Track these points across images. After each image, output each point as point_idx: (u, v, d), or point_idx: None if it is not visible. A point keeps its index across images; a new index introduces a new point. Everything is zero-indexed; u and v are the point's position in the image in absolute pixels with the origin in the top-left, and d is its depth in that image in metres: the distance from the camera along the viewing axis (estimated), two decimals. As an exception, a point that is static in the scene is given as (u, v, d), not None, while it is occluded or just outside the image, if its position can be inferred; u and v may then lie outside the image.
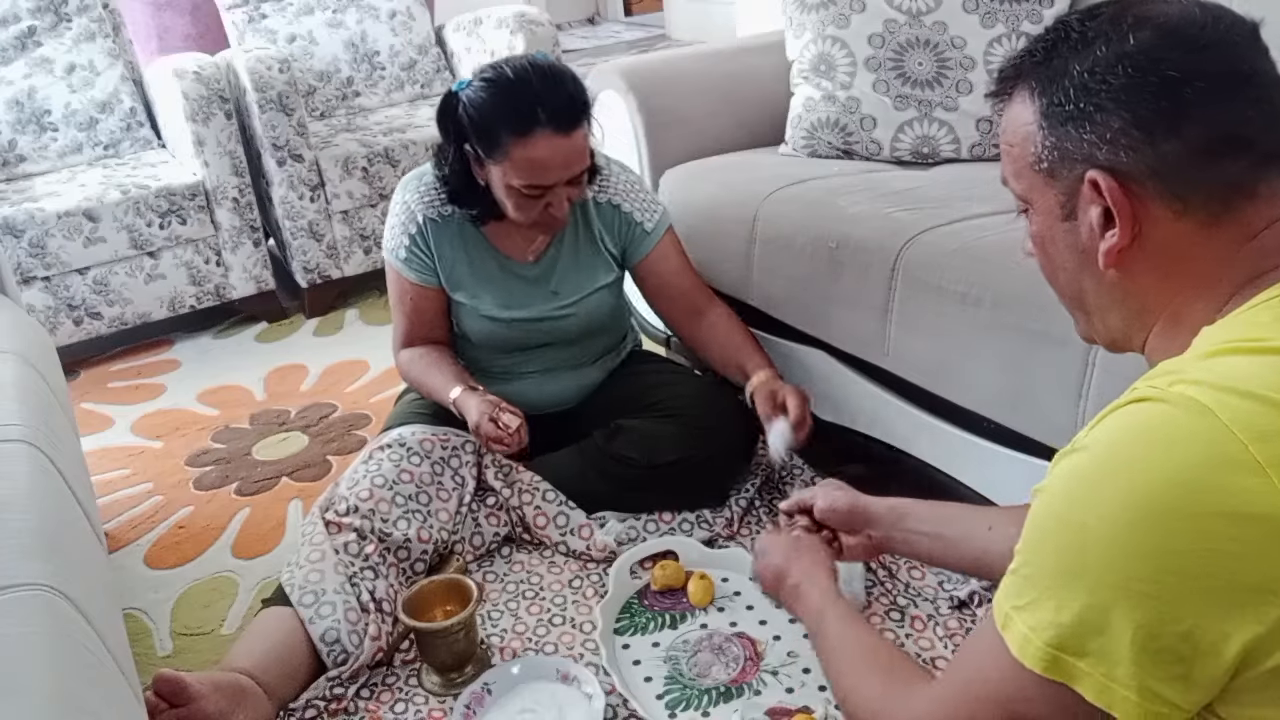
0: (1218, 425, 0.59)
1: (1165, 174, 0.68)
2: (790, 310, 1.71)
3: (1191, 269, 0.70)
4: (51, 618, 0.82)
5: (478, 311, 1.60)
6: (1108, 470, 0.63)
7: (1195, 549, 0.59)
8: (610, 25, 6.86)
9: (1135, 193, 0.69)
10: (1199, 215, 0.69)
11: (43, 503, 1.02)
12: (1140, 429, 0.63)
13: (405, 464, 1.52)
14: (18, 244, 2.27)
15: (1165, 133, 0.68)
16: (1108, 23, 0.71)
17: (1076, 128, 0.71)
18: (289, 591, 1.36)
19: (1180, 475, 0.60)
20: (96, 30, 2.70)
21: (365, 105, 2.91)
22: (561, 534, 1.57)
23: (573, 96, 1.41)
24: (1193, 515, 0.59)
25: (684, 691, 1.30)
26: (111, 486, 1.93)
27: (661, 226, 1.64)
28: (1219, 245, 0.69)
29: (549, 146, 1.38)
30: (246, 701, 1.23)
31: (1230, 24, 0.69)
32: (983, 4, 1.79)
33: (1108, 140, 0.69)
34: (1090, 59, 0.70)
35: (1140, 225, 0.70)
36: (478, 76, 1.42)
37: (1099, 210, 0.71)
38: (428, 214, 1.56)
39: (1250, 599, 0.58)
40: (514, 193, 1.43)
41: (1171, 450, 0.61)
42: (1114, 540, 0.62)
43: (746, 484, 1.68)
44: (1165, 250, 0.70)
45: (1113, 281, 0.73)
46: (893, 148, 1.85)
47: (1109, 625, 0.62)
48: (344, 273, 2.65)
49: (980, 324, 1.36)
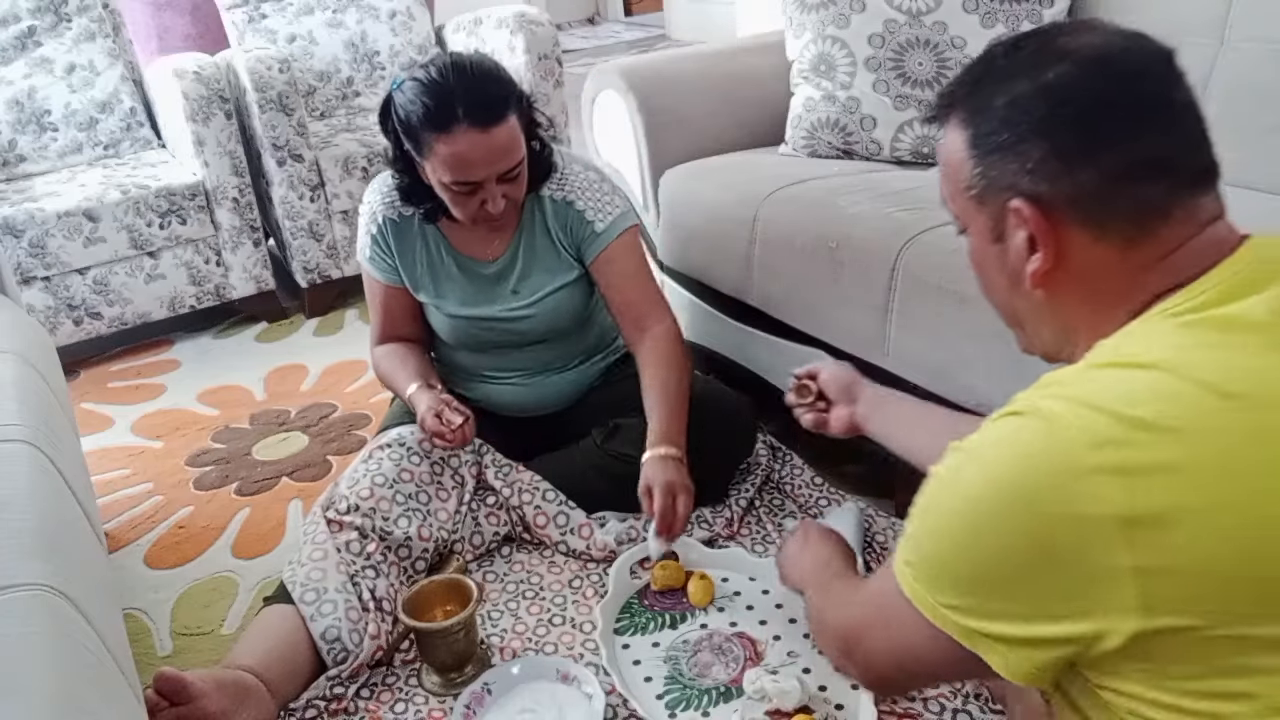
0: (1063, 435, 0.66)
1: (1083, 201, 0.72)
2: (790, 310, 1.71)
3: (1110, 288, 0.74)
4: (51, 618, 0.82)
5: (441, 310, 1.61)
6: (974, 472, 0.71)
7: (1033, 546, 0.66)
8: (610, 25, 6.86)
9: (1056, 219, 0.73)
10: (1116, 238, 0.72)
11: (43, 503, 1.02)
12: (1003, 440, 0.70)
13: (405, 463, 1.52)
14: (18, 244, 2.27)
15: (1082, 162, 0.71)
16: (1030, 56, 0.74)
17: (1001, 157, 0.75)
18: (291, 589, 1.37)
19: (1027, 478, 0.67)
20: (96, 30, 2.70)
21: (365, 105, 2.91)
22: (561, 534, 1.57)
23: (493, 92, 1.39)
24: (1035, 516, 0.66)
25: (684, 691, 1.30)
26: (111, 486, 1.93)
27: (615, 229, 1.56)
28: (1134, 265, 0.72)
29: (469, 142, 1.37)
30: (249, 699, 1.23)
31: (1146, 55, 0.73)
32: (983, 4, 1.79)
33: (1029, 170, 0.73)
34: (1013, 91, 0.74)
35: (1062, 249, 0.74)
36: (409, 76, 1.42)
37: (1024, 235, 0.75)
38: (387, 214, 1.57)
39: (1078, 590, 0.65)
40: (447, 189, 1.43)
41: (1024, 458, 0.67)
42: (969, 528, 0.70)
43: (746, 484, 1.68)
44: (1086, 272, 0.74)
45: (1040, 301, 0.78)
46: (893, 148, 1.85)
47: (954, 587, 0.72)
48: (344, 273, 2.65)
49: (980, 324, 1.36)
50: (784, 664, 1.33)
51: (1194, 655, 0.64)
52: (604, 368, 1.73)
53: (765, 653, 1.36)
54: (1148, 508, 0.62)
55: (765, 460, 1.72)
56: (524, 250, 1.57)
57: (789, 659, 1.34)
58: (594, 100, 2.12)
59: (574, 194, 1.56)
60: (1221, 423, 0.64)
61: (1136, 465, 0.63)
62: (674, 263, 2.00)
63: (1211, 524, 0.62)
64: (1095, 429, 0.65)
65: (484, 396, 1.68)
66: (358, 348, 2.43)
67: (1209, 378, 0.65)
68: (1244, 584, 0.62)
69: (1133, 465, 0.63)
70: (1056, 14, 1.78)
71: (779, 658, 1.34)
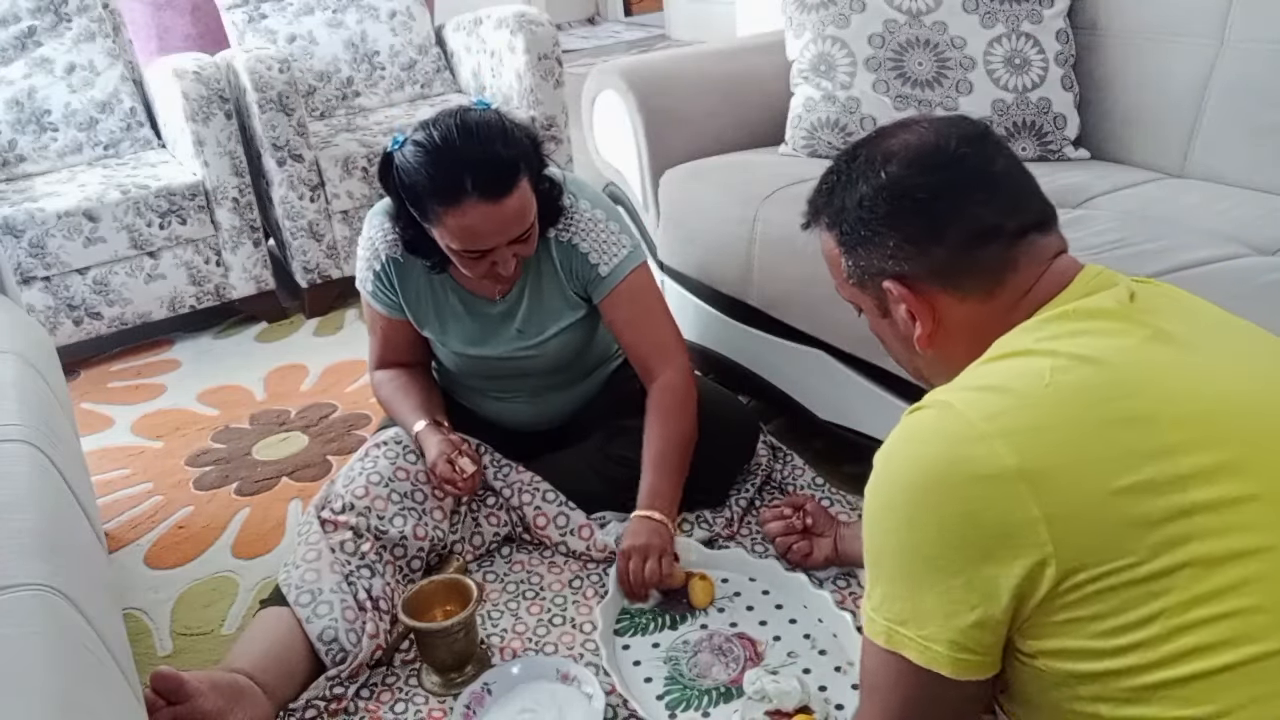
0: (956, 413, 0.75)
1: (940, 272, 0.85)
2: (790, 310, 1.71)
3: (986, 333, 0.83)
4: (51, 618, 0.82)
5: (445, 346, 1.59)
6: (888, 467, 0.79)
7: (952, 512, 0.74)
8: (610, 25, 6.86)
9: (922, 290, 0.86)
10: (978, 293, 0.84)
11: (43, 503, 1.02)
12: (905, 433, 0.80)
13: (401, 461, 1.52)
14: (18, 244, 2.27)
15: (929, 243, 0.84)
16: (864, 164, 0.88)
17: (864, 249, 0.88)
18: (286, 591, 1.36)
19: (932, 457, 0.76)
20: (96, 30, 2.70)
21: (365, 105, 2.91)
22: (561, 534, 1.57)
23: (502, 159, 1.32)
24: (945, 485, 0.74)
25: (684, 692, 1.30)
26: (111, 486, 1.93)
27: (619, 273, 1.51)
28: (1001, 309, 0.84)
29: (479, 214, 1.31)
30: (244, 700, 1.23)
31: (961, 137, 0.86)
32: (983, 4, 1.79)
33: (889, 256, 0.86)
34: (858, 195, 0.88)
35: (936, 313, 0.86)
36: (410, 139, 1.36)
37: (904, 308, 0.87)
38: (391, 253, 1.51)
39: (1002, 545, 0.72)
40: (455, 254, 1.39)
41: (926, 442, 0.77)
42: (895, 522, 0.78)
43: (746, 484, 1.68)
44: (962, 326, 0.86)
45: (932, 357, 0.90)
46: (893, 148, 1.85)
47: (914, 593, 0.76)
48: (344, 273, 2.64)
49: (980, 324, 1.36)
50: (784, 664, 1.33)
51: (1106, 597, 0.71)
52: (605, 376, 1.72)
53: (765, 653, 1.36)
54: (1036, 462, 0.71)
55: (765, 460, 1.72)
56: (530, 291, 1.54)
57: (789, 659, 1.34)
58: (594, 100, 2.12)
59: (578, 236, 1.51)
60: (1085, 385, 0.74)
61: (1020, 427, 0.73)
62: (674, 263, 2.00)
63: (1080, 474, 0.71)
64: (983, 403, 0.75)
65: (487, 412, 1.68)
66: (358, 348, 2.43)
67: (1077, 350, 0.76)
68: (1116, 528, 0.70)
69: (1017, 427, 0.73)
70: (1056, 14, 1.78)
71: (779, 658, 1.34)
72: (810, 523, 1.49)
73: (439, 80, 2.98)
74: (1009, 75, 1.78)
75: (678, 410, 1.54)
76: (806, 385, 1.74)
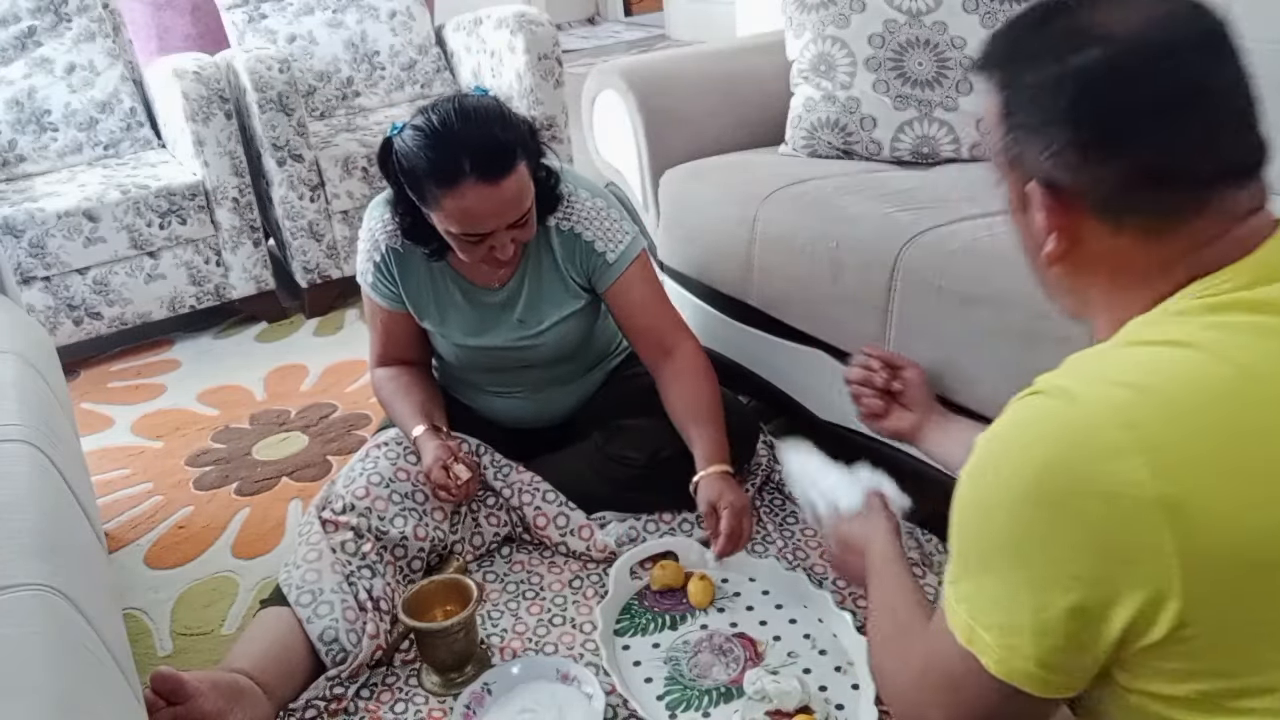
0: (1085, 413, 0.64)
1: (1100, 196, 0.70)
2: (790, 310, 1.71)
3: (1130, 274, 0.71)
4: (51, 618, 0.82)
5: (445, 337, 1.59)
6: (997, 461, 0.68)
7: (1068, 528, 0.64)
8: (610, 25, 6.86)
9: (1072, 208, 0.71)
10: (1134, 234, 0.70)
11: (43, 503, 1.02)
12: (1023, 422, 0.68)
13: (401, 462, 1.52)
14: (18, 244, 2.27)
15: (1101, 159, 0.69)
16: (1060, 35, 0.70)
17: (1024, 135, 0.72)
18: (286, 591, 1.37)
19: (1053, 462, 0.64)
20: (96, 30, 2.70)
21: (365, 105, 2.91)
22: (561, 535, 1.57)
23: (499, 142, 1.33)
24: (1065, 497, 0.63)
25: (684, 692, 1.30)
26: (111, 486, 1.93)
27: (626, 258, 1.53)
28: (1157, 259, 0.70)
29: (477, 196, 1.32)
30: (244, 700, 1.23)
31: (1185, 39, 0.68)
32: (983, 4, 1.79)
33: (1048, 156, 0.71)
34: (1040, 72, 0.70)
35: (1077, 237, 0.72)
36: (409, 124, 1.37)
37: (1042, 216, 0.73)
38: (390, 243, 1.52)
39: (1121, 572, 0.62)
40: (454, 238, 1.39)
41: (1046, 441, 0.65)
42: (998, 522, 0.68)
43: (747, 484, 1.68)
44: (1104, 261, 0.72)
45: (1057, 278, 0.77)
46: (893, 148, 1.85)
47: (1006, 600, 0.67)
48: (344, 273, 2.64)
49: (981, 324, 1.36)
50: (784, 664, 1.33)
51: (1225, 648, 0.62)
52: (606, 372, 1.73)
53: (765, 653, 1.36)
54: (1177, 489, 0.60)
55: (765, 460, 1.72)
56: (530, 280, 1.54)
57: (789, 659, 1.34)
58: (594, 100, 2.12)
59: (581, 225, 1.52)
60: (1248, 402, 0.62)
61: (1163, 442, 0.61)
62: (674, 263, 2.00)
63: (1232, 507, 0.61)
64: (1117, 403, 0.63)
65: (487, 408, 1.68)
66: (358, 348, 2.43)
67: (1239, 357, 0.63)
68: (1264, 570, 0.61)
69: (1159, 442, 0.61)
70: (1056, 14, 1.78)
71: (779, 658, 1.34)
72: (899, 388, 1.33)
73: (439, 80, 2.98)
74: (1009, 75, 1.78)
75: (705, 371, 1.56)
76: (806, 385, 1.74)
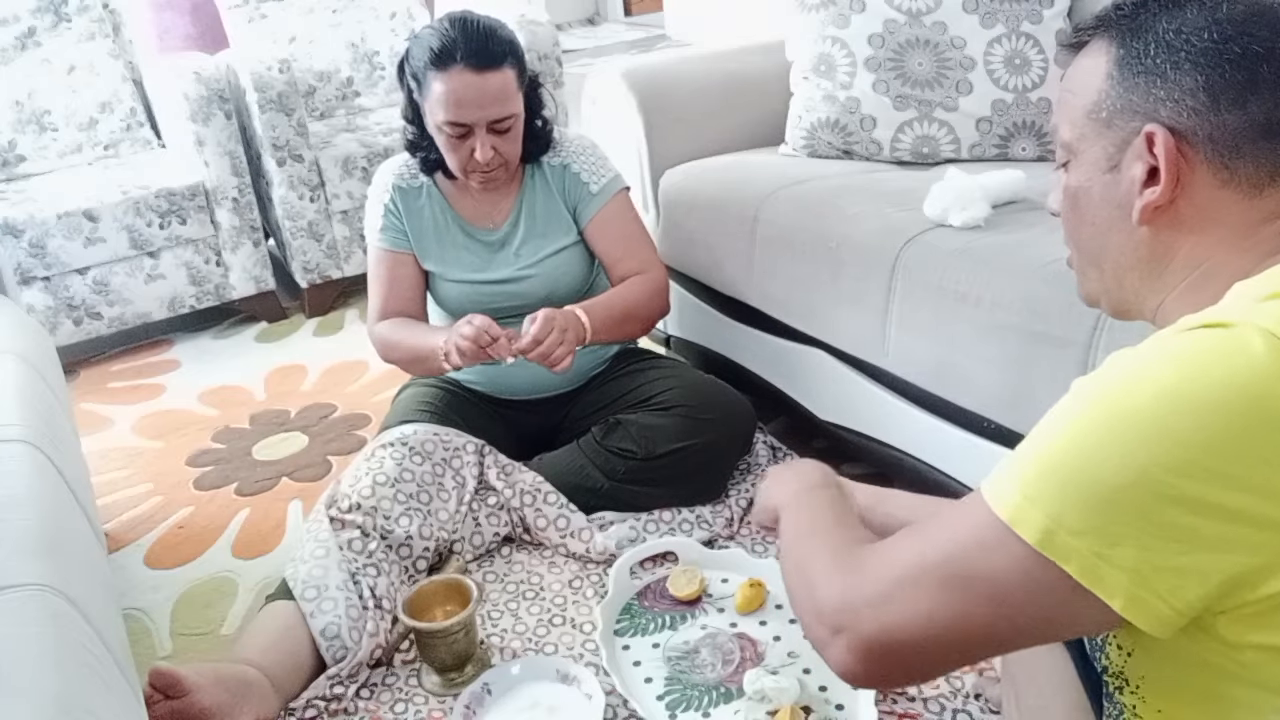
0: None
1: (1220, 142, 0.70)
2: (790, 310, 1.71)
3: (1227, 231, 0.71)
4: (51, 618, 0.82)
5: (446, 277, 1.65)
6: (1179, 365, 0.62)
7: (1242, 449, 0.59)
8: (610, 25, 6.86)
9: (1186, 154, 0.71)
10: (1243, 185, 0.71)
11: (43, 503, 1.02)
12: (1213, 347, 0.62)
13: (407, 463, 1.53)
14: (18, 244, 2.27)
15: (1230, 103, 0.70)
16: None
17: (1148, 81, 0.73)
18: (292, 586, 1.37)
19: (1251, 383, 0.60)
20: (96, 30, 2.70)
21: (365, 105, 2.91)
22: (561, 536, 1.57)
23: (494, 39, 1.49)
24: (1250, 416, 0.59)
25: (684, 692, 1.30)
26: (111, 486, 1.93)
27: (608, 191, 1.66)
28: (1262, 212, 0.71)
29: (462, 81, 1.46)
30: (251, 693, 1.23)
31: None
32: (983, 4, 1.79)
33: (1175, 99, 0.71)
34: (1179, 19, 0.72)
35: (1183, 185, 0.72)
36: (426, 26, 1.55)
37: (1144, 167, 0.73)
38: (398, 183, 1.65)
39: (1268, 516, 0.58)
40: (441, 133, 1.52)
41: (1247, 362, 0.60)
42: (1165, 419, 0.61)
43: (746, 484, 1.68)
44: (1203, 213, 0.72)
45: (1141, 239, 0.75)
46: (893, 148, 1.85)
47: (1122, 501, 0.61)
48: (344, 273, 2.65)
49: (980, 324, 1.36)
50: (784, 664, 1.33)
51: None
52: (605, 357, 1.73)
53: (765, 653, 1.36)
54: None
55: (765, 460, 1.72)
56: (525, 217, 1.65)
57: (789, 659, 1.34)
58: (594, 101, 2.12)
59: (570, 157, 1.66)
60: None
61: None
62: (674, 263, 2.00)
63: None
64: None
65: (485, 379, 1.69)
66: (358, 348, 2.43)
67: None
68: None
69: None
70: (1056, 14, 1.78)
71: (779, 658, 1.34)
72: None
73: (439, 80, 2.98)
74: (1009, 75, 1.78)
75: (650, 288, 1.64)
76: (806, 385, 1.74)
